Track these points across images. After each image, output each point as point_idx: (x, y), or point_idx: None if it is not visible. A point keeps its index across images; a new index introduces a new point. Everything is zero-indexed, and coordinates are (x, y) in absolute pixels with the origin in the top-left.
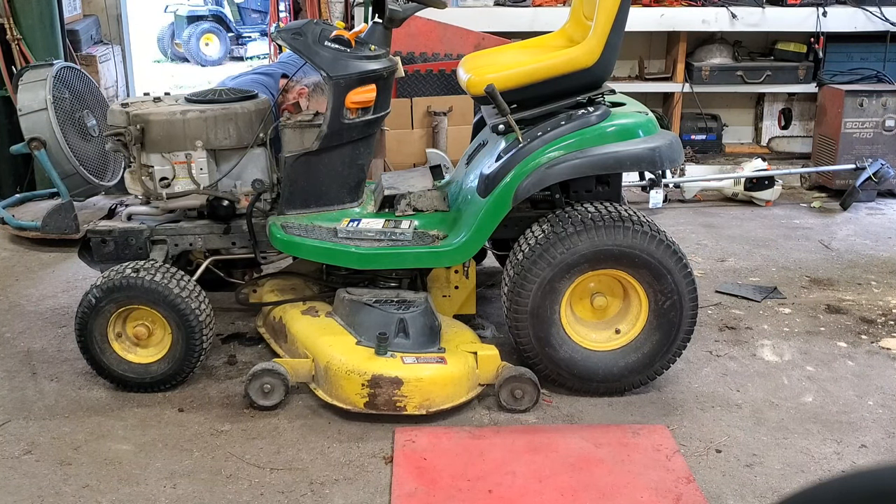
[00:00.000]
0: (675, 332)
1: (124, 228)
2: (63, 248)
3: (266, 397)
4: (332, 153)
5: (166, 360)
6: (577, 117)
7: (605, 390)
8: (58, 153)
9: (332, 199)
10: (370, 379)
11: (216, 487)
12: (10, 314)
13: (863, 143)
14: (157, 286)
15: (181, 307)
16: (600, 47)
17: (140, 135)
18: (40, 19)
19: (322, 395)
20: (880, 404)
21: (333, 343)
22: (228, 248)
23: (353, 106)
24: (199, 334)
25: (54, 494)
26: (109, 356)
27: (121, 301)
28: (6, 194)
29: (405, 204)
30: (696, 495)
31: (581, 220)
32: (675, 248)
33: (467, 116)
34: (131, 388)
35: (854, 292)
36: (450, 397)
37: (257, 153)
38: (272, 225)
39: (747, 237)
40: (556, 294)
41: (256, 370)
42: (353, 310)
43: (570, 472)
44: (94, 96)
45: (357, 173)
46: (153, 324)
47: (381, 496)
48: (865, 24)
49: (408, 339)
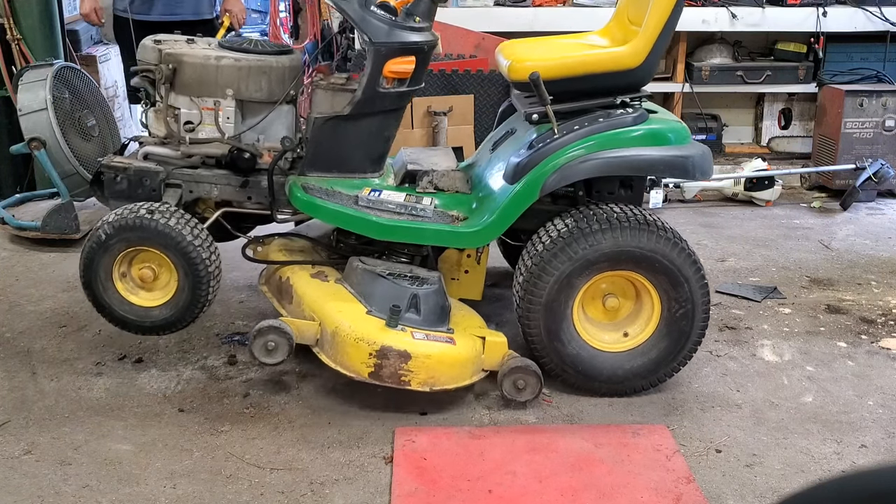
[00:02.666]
0: (684, 341)
1: (140, 167)
2: (63, 248)
3: (269, 355)
4: (361, 120)
5: (169, 307)
6: (614, 116)
7: (606, 391)
8: (58, 153)
9: (355, 166)
10: (379, 349)
11: (216, 487)
12: (10, 314)
13: (863, 143)
14: (170, 231)
15: (192, 255)
16: (646, 50)
17: (171, 75)
18: (40, 19)
19: (325, 359)
20: (880, 404)
21: (343, 309)
22: (242, 201)
23: (390, 75)
24: (206, 285)
25: (54, 494)
26: (111, 295)
27: (132, 241)
28: (6, 194)
29: (427, 181)
30: (696, 495)
31: (606, 219)
32: (695, 257)
33: (467, 116)
34: (130, 330)
35: (854, 292)
36: (454, 378)
37: (285, 110)
38: (293, 184)
39: (747, 237)
40: (573, 289)
41: (262, 326)
42: (366, 279)
43: (570, 472)
44: (94, 96)
45: (382, 144)
46: (160, 268)
47: (381, 496)
48: (865, 24)
49: (419, 315)
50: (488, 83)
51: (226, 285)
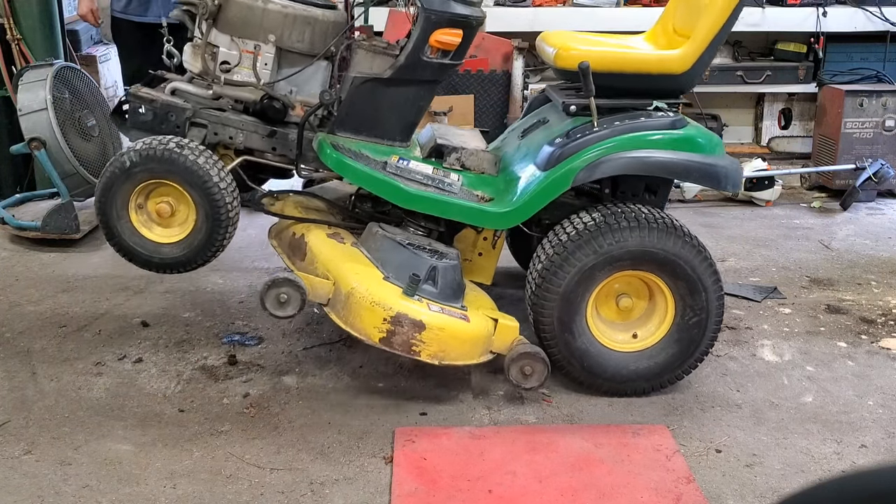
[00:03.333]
0: (693, 349)
1: (168, 101)
2: (63, 248)
3: (281, 307)
4: (399, 86)
5: (181, 246)
6: (655, 118)
7: (608, 389)
8: (58, 153)
9: (385, 132)
10: (394, 316)
11: (216, 487)
12: (10, 314)
13: (863, 143)
14: (198, 169)
15: (216, 197)
16: (694, 58)
17: (216, 11)
18: (40, 19)
19: (335, 319)
20: (880, 404)
21: (360, 272)
22: (265, 152)
23: (435, 45)
24: (224, 230)
25: (54, 494)
26: (124, 224)
27: (156, 172)
28: (6, 194)
29: (454, 158)
30: (696, 495)
31: (635, 218)
32: (716, 268)
33: (467, 117)
34: (136, 263)
35: (854, 292)
36: (463, 355)
37: (323, 66)
38: (322, 141)
39: (747, 237)
40: (592, 283)
41: (276, 278)
42: (385, 246)
43: (570, 472)
44: (94, 96)
45: (415, 114)
46: (178, 204)
47: (381, 496)
48: (865, 24)
49: (435, 287)
50: (488, 83)
51: (226, 285)
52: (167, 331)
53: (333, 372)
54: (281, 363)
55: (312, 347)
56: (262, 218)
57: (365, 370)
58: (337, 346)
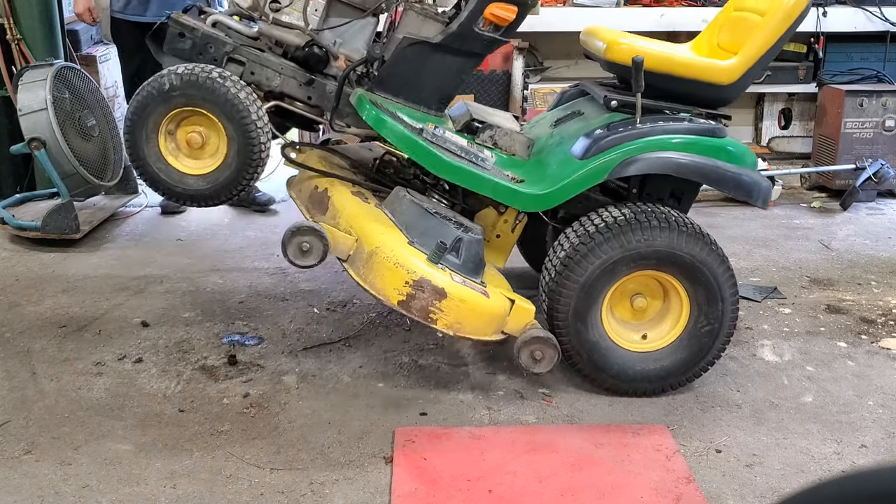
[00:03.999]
0: (700, 357)
1: (209, 33)
2: (63, 248)
3: (302, 256)
4: (446, 54)
5: (207, 180)
6: (699, 123)
7: (611, 386)
8: (58, 153)
9: (423, 98)
10: (417, 280)
11: (216, 487)
12: (10, 314)
13: (863, 143)
14: (238, 103)
15: (252, 135)
16: (741, 71)
17: None
18: (40, 19)
19: (354, 276)
20: (880, 404)
21: (387, 233)
22: (300, 99)
23: (489, 17)
24: (253, 169)
25: (54, 494)
26: (151, 148)
27: (194, 100)
28: (6, 194)
29: (488, 135)
30: (696, 495)
31: (665, 219)
32: (735, 281)
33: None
34: (158, 191)
35: (854, 292)
36: (478, 330)
37: (371, 21)
38: (361, 97)
39: (747, 237)
40: (613, 277)
41: (301, 226)
42: (412, 211)
43: (570, 472)
44: (94, 96)
45: (454, 86)
46: (209, 137)
47: (381, 496)
48: (865, 24)
49: (458, 259)
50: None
51: (226, 285)
52: (167, 331)
53: (333, 372)
54: (281, 363)
55: (312, 347)
56: (261, 218)
57: (365, 370)
58: (337, 346)
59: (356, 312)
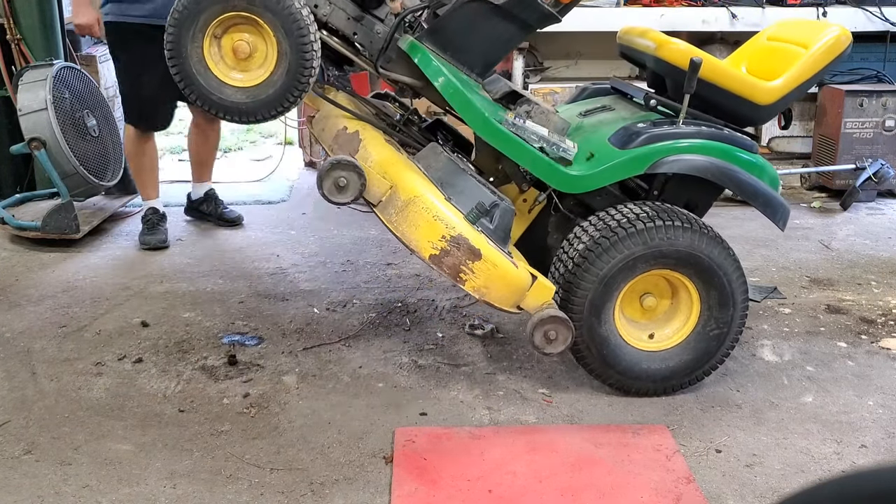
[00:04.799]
0: (705, 360)
1: None
2: (63, 248)
3: (337, 192)
4: (503, 19)
5: (247, 94)
6: (738, 136)
7: (615, 382)
8: (58, 153)
9: (468, 60)
10: (455, 236)
11: (216, 487)
12: (10, 314)
13: (863, 143)
14: (301, 19)
15: (307, 56)
16: (782, 94)
17: None
18: (40, 19)
19: (386, 223)
20: (880, 404)
21: (425, 184)
22: (344, 33)
23: None
24: (299, 92)
25: (54, 494)
26: (195, 49)
27: (255, 6)
28: (6, 194)
29: (524, 109)
30: (696, 495)
31: (688, 220)
32: (747, 288)
33: None
34: (192, 94)
35: (854, 292)
36: (501, 299)
37: None
38: (413, 43)
39: (747, 237)
40: (632, 273)
41: (341, 160)
42: (449, 169)
43: (570, 472)
44: (94, 96)
45: (501, 55)
46: (256, 50)
47: (381, 496)
48: (865, 24)
49: (491, 224)
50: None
51: (226, 285)
52: (167, 331)
53: (333, 372)
54: (281, 363)
55: (312, 347)
56: (261, 219)
57: (365, 370)
58: (337, 346)
59: (356, 312)
